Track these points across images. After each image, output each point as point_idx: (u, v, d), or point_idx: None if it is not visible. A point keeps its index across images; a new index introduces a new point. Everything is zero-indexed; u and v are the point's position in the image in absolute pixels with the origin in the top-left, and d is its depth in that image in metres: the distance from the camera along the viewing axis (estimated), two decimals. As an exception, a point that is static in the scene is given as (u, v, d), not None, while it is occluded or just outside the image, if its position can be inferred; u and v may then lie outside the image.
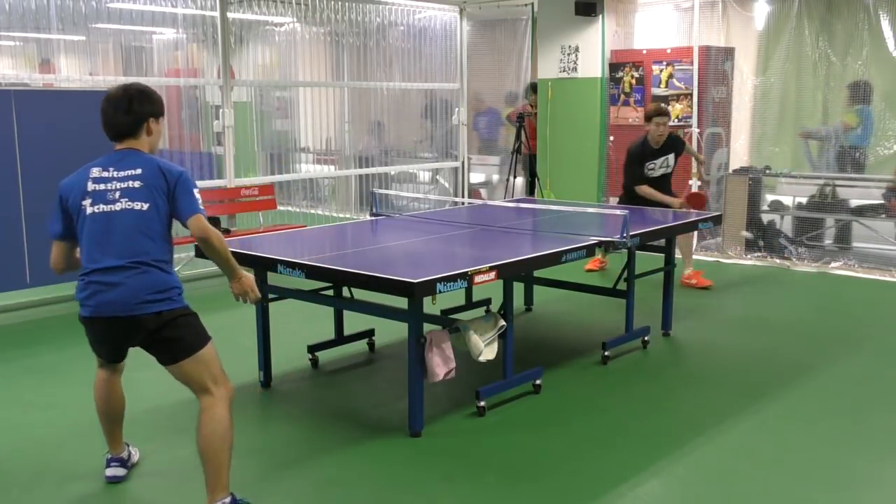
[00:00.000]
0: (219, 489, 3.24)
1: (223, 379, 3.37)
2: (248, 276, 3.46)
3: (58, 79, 7.65)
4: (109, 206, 3.23)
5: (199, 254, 4.78)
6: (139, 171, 3.27)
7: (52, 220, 3.37)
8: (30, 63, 8.33)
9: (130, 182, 3.25)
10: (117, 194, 3.23)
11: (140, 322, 3.21)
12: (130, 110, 3.34)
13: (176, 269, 8.14)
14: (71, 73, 8.62)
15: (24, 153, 5.99)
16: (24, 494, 3.53)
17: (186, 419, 4.29)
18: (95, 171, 3.30)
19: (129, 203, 3.22)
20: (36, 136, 6.05)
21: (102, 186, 3.26)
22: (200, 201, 3.32)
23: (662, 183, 6.97)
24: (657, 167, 6.91)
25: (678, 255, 7.23)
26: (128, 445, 3.75)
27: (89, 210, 3.24)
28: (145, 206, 3.22)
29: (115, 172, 3.28)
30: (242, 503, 3.30)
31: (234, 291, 3.45)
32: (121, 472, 3.64)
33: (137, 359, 3.82)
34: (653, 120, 6.79)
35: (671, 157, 6.96)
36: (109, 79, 7.75)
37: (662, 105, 7.35)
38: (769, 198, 8.62)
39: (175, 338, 3.27)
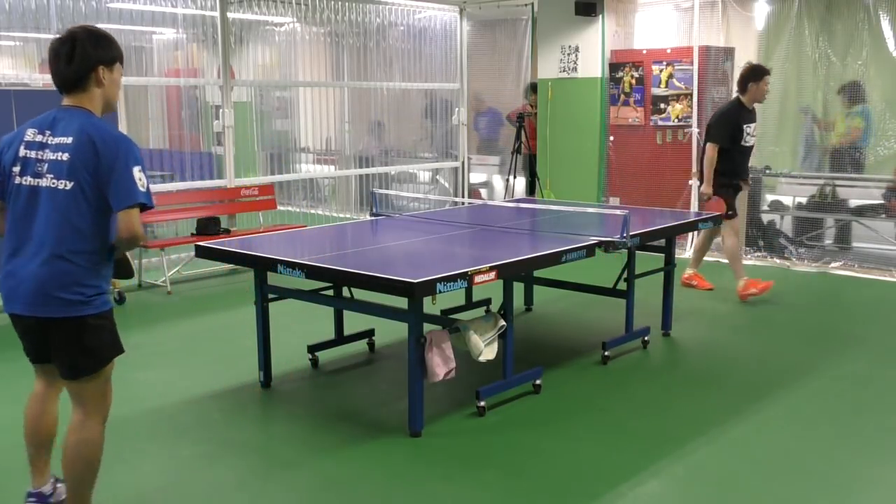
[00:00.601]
0: None
1: (106, 395, 3.04)
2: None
3: (58, 79, 7.65)
4: (36, 181, 2.81)
5: (199, 254, 4.78)
6: (70, 139, 2.79)
7: None
8: (30, 63, 8.33)
9: (60, 154, 2.79)
10: (45, 167, 2.80)
11: (50, 324, 2.86)
12: (73, 57, 2.84)
13: (176, 269, 8.15)
14: (71, 73, 8.61)
15: (24, 153, 5.98)
16: (23, 495, 3.52)
17: (187, 420, 4.29)
18: (30, 134, 2.87)
19: (54, 180, 2.77)
20: (36, 136, 6.04)
21: (33, 154, 2.83)
22: (142, 184, 2.78)
23: (747, 157, 6.81)
24: (752, 133, 6.70)
25: (687, 254, 7.20)
26: (54, 479, 3.28)
27: (17, 180, 2.85)
28: (69, 185, 2.77)
29: (50, 138, 2.82)
30: None
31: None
32: None
33: (137, 359, 3.82)
34: (763, 78, 6.60)
35: (754, 125, 6.78)
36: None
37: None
38: (769, 198, 8.62)
39: (82, 353, 2.90)
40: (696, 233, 8.46)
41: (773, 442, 4.03)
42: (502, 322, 4.36)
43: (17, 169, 2.85)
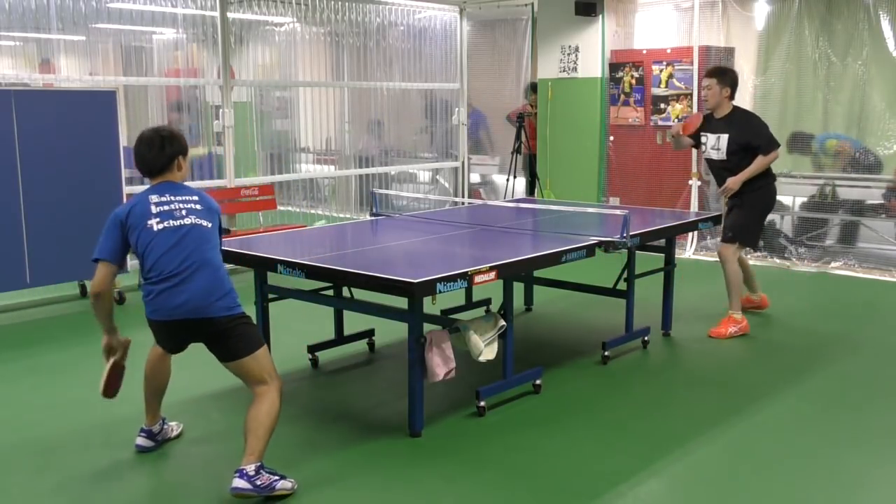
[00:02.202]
0: (252, 455, 3.40)
1: (275, 375, 3.60)
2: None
3: (58, 79, 7.65)
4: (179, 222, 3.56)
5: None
6: (195, 198, 3.63)
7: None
8: (30, 63, 8.32)
9: (192, 204, 3.60)
10: (184, 212, 3.56)
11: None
12: (163, 150, 3.62)
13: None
14: (71, 73, 8.62)
15: (24, 153, 5.99)
16: (23, 494, 3.53)
17: (187, 420, 4.29)
18: (154, 198, 3.59)
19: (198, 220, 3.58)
20: (36, 136, 6.05)
21: (166, 207, 3.57)
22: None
23: (714, 170, 5.96)
24: (713, 147, 5.81)
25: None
26: (164, 420, 3.98)
27: (157, 227, 3.54)
28: (203, 223, 3.58)
29: (172, 197, 3.59)
30: (269, 471, 3.44)
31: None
32: (148, 443, 3.89)
33: (137, 359, 3.83)
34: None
35: (724, 138, 5.74)
36: (109, 79, 7.76)
37: (718, 67, 6.14)
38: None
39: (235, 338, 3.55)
40: (694, 236, 8.50)
41: (773, 442, 4.03)
42: (502, 322, 4.36)
43: (153, 221, 3.53)
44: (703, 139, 5.94)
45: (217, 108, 8.14)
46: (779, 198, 8.56)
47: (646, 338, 5.53)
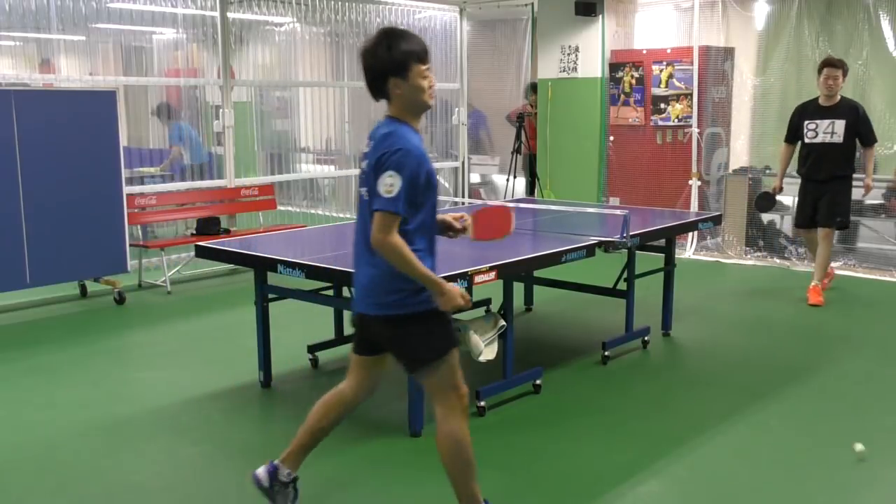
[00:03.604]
0: (462, 501, 3.09)
1: (452, 389, 3.00)
2: (453, 288, 2.96)
3: (58, 79, 7.65)
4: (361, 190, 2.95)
5: (199, 254, 4.78)
6: (370, 150, 2.90)
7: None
8: (30, 63, 8.33)
9: (364, 163, 2.91)
10: (363, 177, 2.94)
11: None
12: (365, 69, 2.85)
13: (176, 269, 8.10)
14: (71, 73, 8.62)
15: (24, 153, 5.99)
16: (23, 494, 3.53)
17: (187, 420, 4.29)
18: (365, 148, 2.97)
19: (363, 189, 2.91)
20: (36, 136, 6.05)
21: (363, 164, 2.97)
22: (390, 192, 2.71)
23: (814, 155, 6.65)
24: (817, 130, 6.57)
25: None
26: (296, 479, 3.30)
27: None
28: (364, 193, 2.87)
29: (369, 148, 2.95)
30: None
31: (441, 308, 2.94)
32: (265, 481, 3.23)
33: (137, 359, 3.83)
34: (822, 71, 6.56)
35: (839, 123, 6.54)
36: (109, 79, 7.77)
37: (840, 60, 6.70)
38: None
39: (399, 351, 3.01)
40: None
41: (773, 442, 4.03)
42: (502, 322, 4.36)
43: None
44: (812, 126, 6.63)
45: (217, 108, 8.15)
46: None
47: (646, 338, 5.53)
